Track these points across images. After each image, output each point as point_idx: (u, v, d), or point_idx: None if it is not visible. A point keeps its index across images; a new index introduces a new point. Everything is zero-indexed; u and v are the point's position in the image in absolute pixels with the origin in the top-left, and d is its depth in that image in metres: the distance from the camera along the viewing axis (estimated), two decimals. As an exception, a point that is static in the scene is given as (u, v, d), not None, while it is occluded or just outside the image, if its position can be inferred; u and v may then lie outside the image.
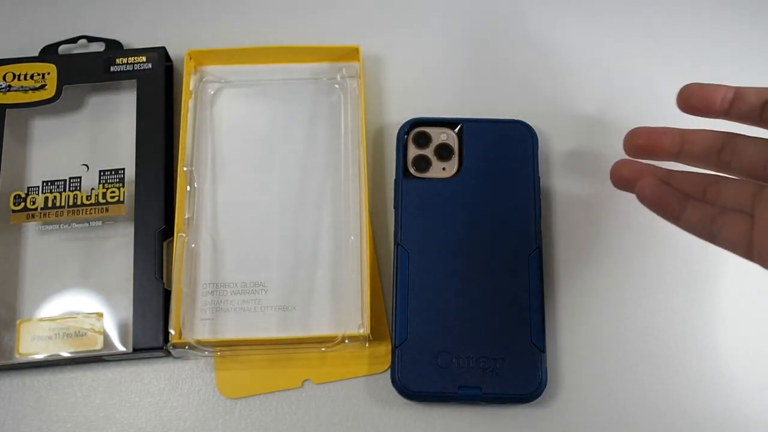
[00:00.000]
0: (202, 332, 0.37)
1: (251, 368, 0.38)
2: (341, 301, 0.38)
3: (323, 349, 0.37)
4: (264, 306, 0.38)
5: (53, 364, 0.38)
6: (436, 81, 0.45)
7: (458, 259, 0.38)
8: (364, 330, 0.36)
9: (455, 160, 0.40)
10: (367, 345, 0.38)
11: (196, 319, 0.38)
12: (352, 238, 0.39)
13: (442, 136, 0.41)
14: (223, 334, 0.37)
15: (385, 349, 0.38)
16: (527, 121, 0.41)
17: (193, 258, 0.39)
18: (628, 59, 0.46)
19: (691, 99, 0.33)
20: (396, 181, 0.40)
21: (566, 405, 0.37)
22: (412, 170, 0.40)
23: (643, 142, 0.35)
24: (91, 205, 0.40)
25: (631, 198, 0.39)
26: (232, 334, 0.37)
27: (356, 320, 0.37)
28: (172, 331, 0.36)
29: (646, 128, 0.35)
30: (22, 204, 0.40)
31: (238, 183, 0.41)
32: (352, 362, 0.38)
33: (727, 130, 0.33)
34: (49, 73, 0.43)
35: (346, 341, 0.37)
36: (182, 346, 0.36)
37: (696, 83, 0.33)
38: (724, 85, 0.32)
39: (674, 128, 0.34)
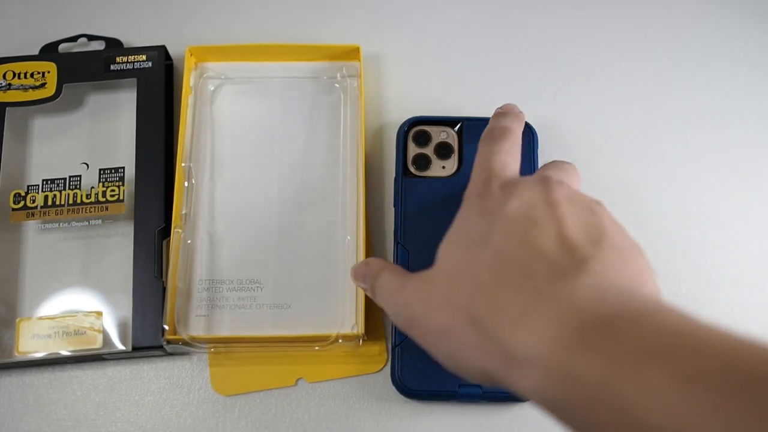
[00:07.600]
0: (196, 328, 0.37)
1: (245, 365, 0.38)
2: (336, 300, 0.38)
3: (317, 348, 0.37)
4: (259, 303, 0.38)
5: (53, 362, 0.38)
6: (436, 80, 0.45)
7: (457, 258, 0.38)
8: (358, 330, 0.36)
9: (455, 158, 0.40)
10: (360, 345, 0.37)
11: (191, 315, 0.38)
12: (349, 237, 0.39)
13: (442, 134, 0.41)
14: (218, 331, 0.37)
15: (378, 349, 0.38)
16: (527, 120, 0.41)
17: (189, 254, 0.39)
18: (628, 59, 0.46)
19: None
20: (396, 179, 0.40)
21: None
22: (412, 169, 0.40)
23: None
24: (90, 203, 0.40)
25: (629, 197, 0.39)
26: (227, 331, 0.37)
27: (350, 320, 0.37)
28: (165, 326, 0.36)
29: None
30: (22, 202, 0.40)
31: (236, 180, 0.40)
32: (345, 361, 0.38)
33: None
34: (49, 72, 0.43)
35: (340, 341, 0.36)
36: (176, 341, 0.36)
37: None
38: None
39: None
